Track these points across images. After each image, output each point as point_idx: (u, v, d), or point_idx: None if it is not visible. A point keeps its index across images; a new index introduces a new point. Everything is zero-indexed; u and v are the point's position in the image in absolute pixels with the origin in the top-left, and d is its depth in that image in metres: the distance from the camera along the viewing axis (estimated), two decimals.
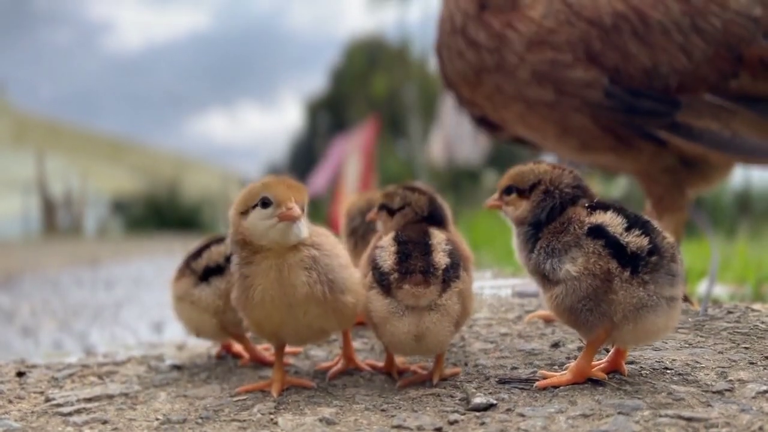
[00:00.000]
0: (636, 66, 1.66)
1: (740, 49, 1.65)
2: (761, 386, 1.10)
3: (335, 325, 1.23)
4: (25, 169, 18.85)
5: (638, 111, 1.67)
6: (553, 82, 1.69)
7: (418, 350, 1.19)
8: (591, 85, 1.67)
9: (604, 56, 1.66)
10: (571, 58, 1.67)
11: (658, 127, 1.67)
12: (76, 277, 4.99)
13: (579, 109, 1.70)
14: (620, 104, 1.66)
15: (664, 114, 1.66)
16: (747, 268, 2.65)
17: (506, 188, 1.25)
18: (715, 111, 1.66)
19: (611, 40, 1.67)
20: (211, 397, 1.21)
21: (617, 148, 1.74)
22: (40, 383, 1.39)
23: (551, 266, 1.13)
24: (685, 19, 1.65)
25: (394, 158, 18.67)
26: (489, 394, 1.12)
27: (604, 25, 1.68)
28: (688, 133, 1.66)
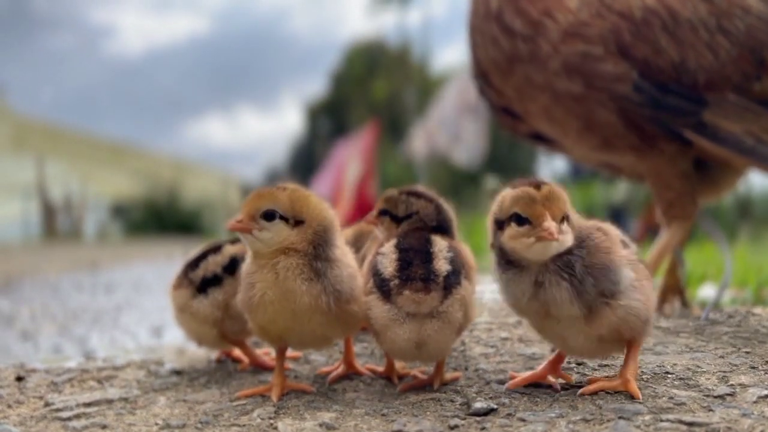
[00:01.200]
0: (665, 60, 1.67)
1: (762, 53, 1.67)
2: (762, 391, 1.09)
3: (340, 333, 1.24)
4: (25, 174, 18.86)
5: (665, 107, 1.67)
6: (582, 75, 1.69)
7: (418, 357, 1.19)
8: (620, 79, 1.67)
9: (635, 48, 1.67)
10: (603, 51, 1.68)
11: (684, 125, 1.68)
12: (76, 281, 4.99)
13: (605, 104, 1.70)
14: (648, 99, 1.67)
15: (691, 112, 1.67)
16: (747, 273, 2.65)
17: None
18: (740, 112, 1.67)
19: (642, 33, 1.68)
20: (211, 402, 1.21)
21: (639, 147, 1.73)
22: (39, 388, 1.38)
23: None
24: (711, 18, 1.68)
25: (394, 162, 18.68)
26: (489, 399, 1.12)
27: (635, 19, 1.69)
28: (714, 135, 1.67)
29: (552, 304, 1.07)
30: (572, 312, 1.06)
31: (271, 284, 1.15)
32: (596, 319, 1.07)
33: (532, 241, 1.05)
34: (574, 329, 1.09)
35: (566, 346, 1.15)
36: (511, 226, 1.08)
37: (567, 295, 1.06)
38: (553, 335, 1.14)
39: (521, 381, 1.19)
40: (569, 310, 1.06)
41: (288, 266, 1.15)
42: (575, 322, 1.08)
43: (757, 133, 1.66)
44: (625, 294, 1.07)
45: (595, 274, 1.06)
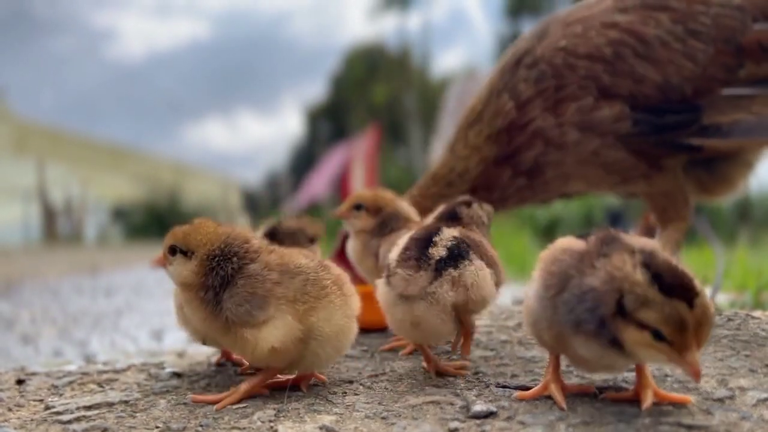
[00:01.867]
0: (649, 85, 1.66)
1: (737, 40, 1.65)
2: (762, 394, 1.10)
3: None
4: (26, 177, 18.87)
5: (666, 128, 1.67)
6: (591, 129, 1.71)
7: (419, 337, 1.26)
8: (619, 119, 1.68)
9: (617, 87, 1.67)
10: (592, 100, 1.69)
11: (688, 135, 1.68)
12: (77, 284, 4.99)
13: (614, 145, 1.71)
14: (649, 128, 1.67)
15: (690, 122, 1.67)
16: (747, 276, 2.65)
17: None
18: (735, 102, 1.66)
19: (617, 69, 1.67)
20: (211, 405, 1.21)
21: (648, 173, 1.75)
22: (39, 391, 1.38)
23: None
24: (677, 26, 1.66)
25: (394, 165, 18.70)
26: (489, 402, 1.12)
27: (605, 57, 1.68)
28: (718, 131, 1.67)
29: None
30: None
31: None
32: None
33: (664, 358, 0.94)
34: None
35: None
36: (641, 331, 0.93)
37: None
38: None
39: (530, 395, 1.15)
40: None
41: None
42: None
43: (757, 111, 1.65)
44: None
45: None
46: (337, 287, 1.22)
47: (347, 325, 1.23)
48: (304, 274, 1.20)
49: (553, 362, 1.15)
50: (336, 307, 1.20)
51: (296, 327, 1.17)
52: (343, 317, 1.21)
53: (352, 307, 1.24)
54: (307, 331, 1.18)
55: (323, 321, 1.19)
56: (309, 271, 1.20)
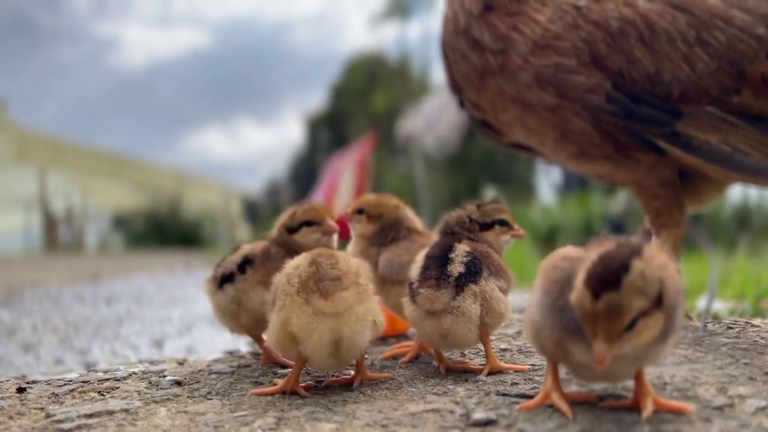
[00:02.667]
0: (639, 70, 1.66)
1: (743, 66, 1.66)
2: (761, 402, 1.10)
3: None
4: (27, 185, 18.91)
5: (639, 117, 1.67)
6: (555, 86, 1.70)
7: (447, 346, 1.41)
8: (593, 90, 1.68)
9: (609, 59, 1.67)
10: (575, 63, 1.68)
11: (657, 135, 1.68)
12: (77, 292, 4.99)
13: (579, 114, 1.70)
14: (621, 110, 1.67)
15: (664, 123, 1.67)
16: (746, 284, 2.65)
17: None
18: (715, 123, 1.66)
19: (617, 44, 1.68)
20: (212, 413, 1.21)
21: (613, 157, 1.74)
22: (40, 399, 1.39)
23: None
24: (690, 30, 1.66)
25: (394, 174, 18.72)
26: (489, 410, 1.13)
27: (611, 29, 1.69)
28: (688, 145, 1.67)
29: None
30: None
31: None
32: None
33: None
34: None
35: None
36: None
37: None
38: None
39: (532, 405, 1.14)
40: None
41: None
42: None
43: (734, 143, 1.66)
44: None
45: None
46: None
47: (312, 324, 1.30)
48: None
49: (552, 371, 1.15)
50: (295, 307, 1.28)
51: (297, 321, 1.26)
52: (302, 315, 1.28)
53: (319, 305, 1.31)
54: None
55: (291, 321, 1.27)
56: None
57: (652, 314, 0.97)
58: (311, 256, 1.30)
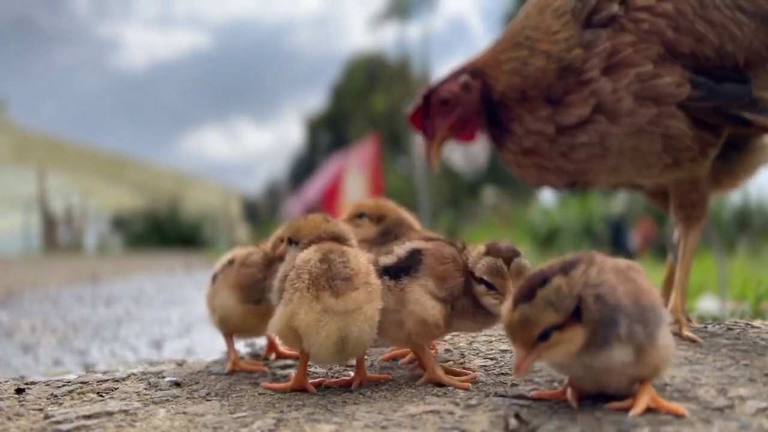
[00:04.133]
0: (708, 46, 1.63)
1: None
2: (761, 403, 1.10)
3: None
4: (27, 186, 18.91)
5: (721, 95, 1.63)
6: (649, 97, 1.63)
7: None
8: (679, 84, 1.62)
9: (680, 43, 1.63)
10: (652, 67, 1.62)
11: (741, 107, 1.63)
12: (77, 293, 4.98)
13: (675, 115, 1.64)
14: (707, 92, 1.62)
15: (744, 94, 1.63)
16: (746, 285, 2.65)
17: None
18: None
19: (681, 25, 1.63)
20: (211, 414, 1.21)
21: (698, 158, 1.68)
22: (39, 400, 1.38)
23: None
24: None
25: (394, 175, 18.72)
26: (489, 411, 1.12)
27: (668, 12, 1.64)
28: (766, 109, 1.64)
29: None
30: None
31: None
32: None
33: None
34: (621, 375, 1.08)
35: (600, 390, 1.13)
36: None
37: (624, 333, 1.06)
38: (592, 383, 1.12)
39: (546, 395, 1.18)
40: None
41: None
42: (626, 368, 1.07)
43: None
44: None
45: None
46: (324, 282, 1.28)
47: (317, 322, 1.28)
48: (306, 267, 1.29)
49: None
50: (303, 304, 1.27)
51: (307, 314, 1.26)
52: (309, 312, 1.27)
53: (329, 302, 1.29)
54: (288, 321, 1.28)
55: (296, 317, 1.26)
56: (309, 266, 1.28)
57: (569, 328, 1.02)
58: (322, 251, 1.28)
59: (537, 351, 1.02)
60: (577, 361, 1.06)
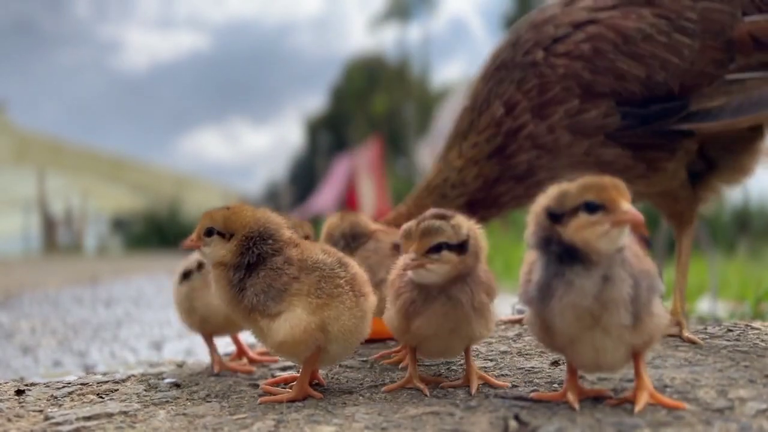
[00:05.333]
0: (631, 81, 1.63)
1: (727, 34, 1.62)
2: (761, 404, 1.10)
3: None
4: (26, 187, 18.89)
5: (653, 117, 1.64)
6: (580, 132, 1.68)
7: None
8: (606, 115, 1.65)
9: (598, 84, 1.65)
10: (578, 104, 1.66)
11: (678, 122, 1.65)
12: (76, 295, 4.98)
13: (606, 144, 1.68)
14: (635, 120, 1.65)
15: (678, 110, 1.64)
16: (746, 286, 2.65)
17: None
18: (724, 88, 1.64)
19: (599, 66, 1.64)
20: (211, 416, 1.21)
21: (648, 175, 1.72)
22: (39, 401, 1.38)
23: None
24: (660, 21, 1.63)
25: (394, 176, 18.72)
26: (489, 413, 1.12)
27: (586, 55, 1.65)
28: (707, 115, 1.64)
29: (612, 304, 1.03)
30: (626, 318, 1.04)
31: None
32: (641, 327, 1.06)
33: (607, 228, 1.02)
34: (618, 340, 1.06)
35: (597, 362, 1.10)
36: (579, 216, 1.04)
37: (628, 293, 1.03)
38: (589, 350, 1.08)
39: (546, 397, 1.18)
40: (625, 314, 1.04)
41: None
42: (623, 331, 1.05)
43: (750, 93, 1.63)
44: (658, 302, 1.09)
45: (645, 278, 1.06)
46: (350, 286, 1.26)
47: (357, 326, 1.26)
48: (320, 270, 1.25)
49: (569, 365, 1.17)
50: (346, 307, 1.24)
51: (306, 321, 1.22)
52: (351, 317, 1.25)
53: (363, 307, 1.27)
54: (318, 327, 1.23)
55: (333, 319, 1.23)
56: (325, 268, 1.26)
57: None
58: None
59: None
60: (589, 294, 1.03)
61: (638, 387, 1.12)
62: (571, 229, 1.05)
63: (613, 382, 1.28)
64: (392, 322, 1.29)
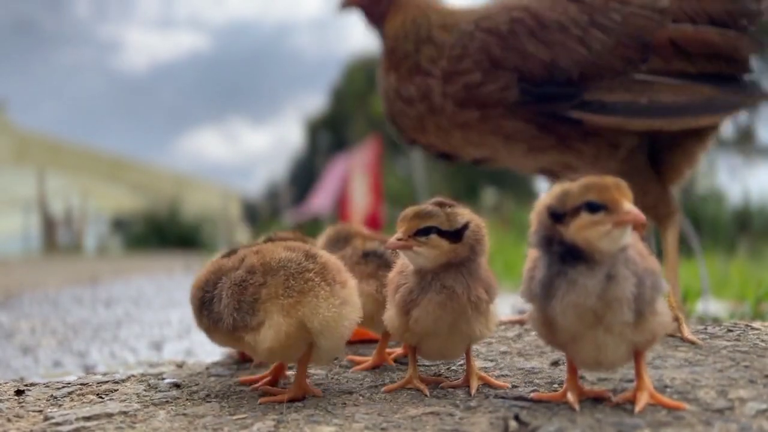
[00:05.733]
0: (535, 62, 1.78)
1: (645, 37, 1.75)
2: (761, 405, 1.10)
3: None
4: (26, 187, 18.89)
5: (547, 97, 1.78)
6: (474, 103, 1.83)
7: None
8: (506, 88, 1.79)
9: (505, 60, 1.80)
10: (480, 76, 1.81)
11: (569, 108, 1.77)
12: (76, 295, 4.98)
13: (507, 116, 1.81)
14: (533, 96, 1.78)
15: (571, 96, 1.77)
16: (746, 286, 2.65)
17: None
18: (627, 85, 1.76)
19: (508, 44, 1.80)
20: (211, 416, 1.21)
21: (559, 147, 1.84)
22: (39, 402, 1.38)
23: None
24: (582, 16, 1.78)
25: (393, 176, 18.72)
26: (489, 413, 1.12)
27: (501, 33, 1.82)
28: (601, 108, 1.76)
29: (616, 302, 1.03)
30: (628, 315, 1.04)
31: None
32: (642, 325, 1.06)
33: (609, 228, 1.02)
34: (620, 337, 1.06)
35: (598, 359, 1.10)
36: (581, 216, 1.04)
37: (632, 291, 1.03)
38: (591, 347, 1.08)
39: (546, 397, 1.18)
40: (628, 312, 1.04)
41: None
42: (625, 329, 1.05)
43: (650, 95, 1.75)
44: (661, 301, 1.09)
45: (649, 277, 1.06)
46: (321, 277, 1.24)
47: (339, 315, 1.24)
48: (285, 269, 1.23)
49: (569, 365, 1.17)
50: (321, 299, 1.22)
51: (285, 324, 1.21)
52: (330, 307, 1.23)
53: (341, 294, 1.25)
54: (298, 326, 1.21)
55: (310, 315, 1.22)
56: (291, 265, 1.24)
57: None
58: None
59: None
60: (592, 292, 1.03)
61: (638, 387, 1.12)
62: (572, 229, 1.05)
63: (613, 382, 1.29)
64: (392, 321, 1.29)
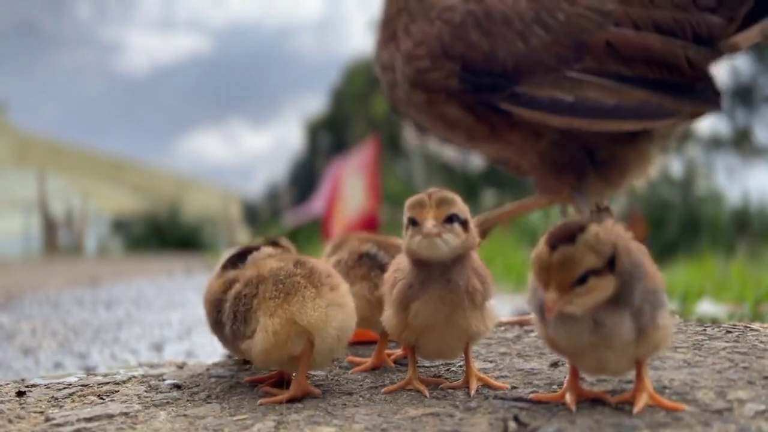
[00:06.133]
0: (477, 52, 1.88)
1: (582, 37, 1.82)
2: (760, 406, 1.10)
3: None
4: (27, 189, 18.90)
5: (481, 87, 1.88)
6: (421, 87, 1.95)
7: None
8: (449, 76, 1.90)
9: (452, 48, 1.91)
10: (429, 63, 1.92)
11: (499, 99, 1.86)
12: (77, 296, 4.98)
13: (448, 102, 1.92)
14: (470, 85, 1.89)
15: (503, 87, 1.86)
16: (745, 288, 2.65)
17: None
18: (557, 82, 1.83)
19: (458, 34, 1.91)
20: (212, 417, 1.21)
21: (491, 137, 1.95)
22: (40, 403, 1.39)
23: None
24: (529, 12, 1.86)
25: (393, 178, 18.73)
26: (488, 414, 1.13)
27: (454, 23, 1.93)
28: (529, 102, 1.84)
29: (610, 337, 1.08)
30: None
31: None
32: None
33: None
34: (622, 354, 1.10)
35: (601, 369, 1.14)
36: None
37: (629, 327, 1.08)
38: (592, 361, 1.12)
39: (545, 398, 1.19)
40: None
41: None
42: (627, 347, 1.09)
43: (579, 94, 1.82)
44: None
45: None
46: (308, 281, 1.27)
47: (327, 315, 1.25)
48: (274, 275, 1.28)
49: (572, 366, 1.18)
50: (307, 299, 1.25)
51: (273, 322, 1.24)
52: (317, 308, 1.25)
53: (328, 297, 1.27)
54: (287, 322, 1.24)
55: (298, 312, 1.24)
56: (280, 273, 1.28)
57: (604, 275, 1.02)
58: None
59: (571, 294, 1.02)
60: (588, 321, 1.05)
61: (637, 388, 1.12)
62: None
63: (612, 383, 1.29)
64: (389, 319, 1.29)
